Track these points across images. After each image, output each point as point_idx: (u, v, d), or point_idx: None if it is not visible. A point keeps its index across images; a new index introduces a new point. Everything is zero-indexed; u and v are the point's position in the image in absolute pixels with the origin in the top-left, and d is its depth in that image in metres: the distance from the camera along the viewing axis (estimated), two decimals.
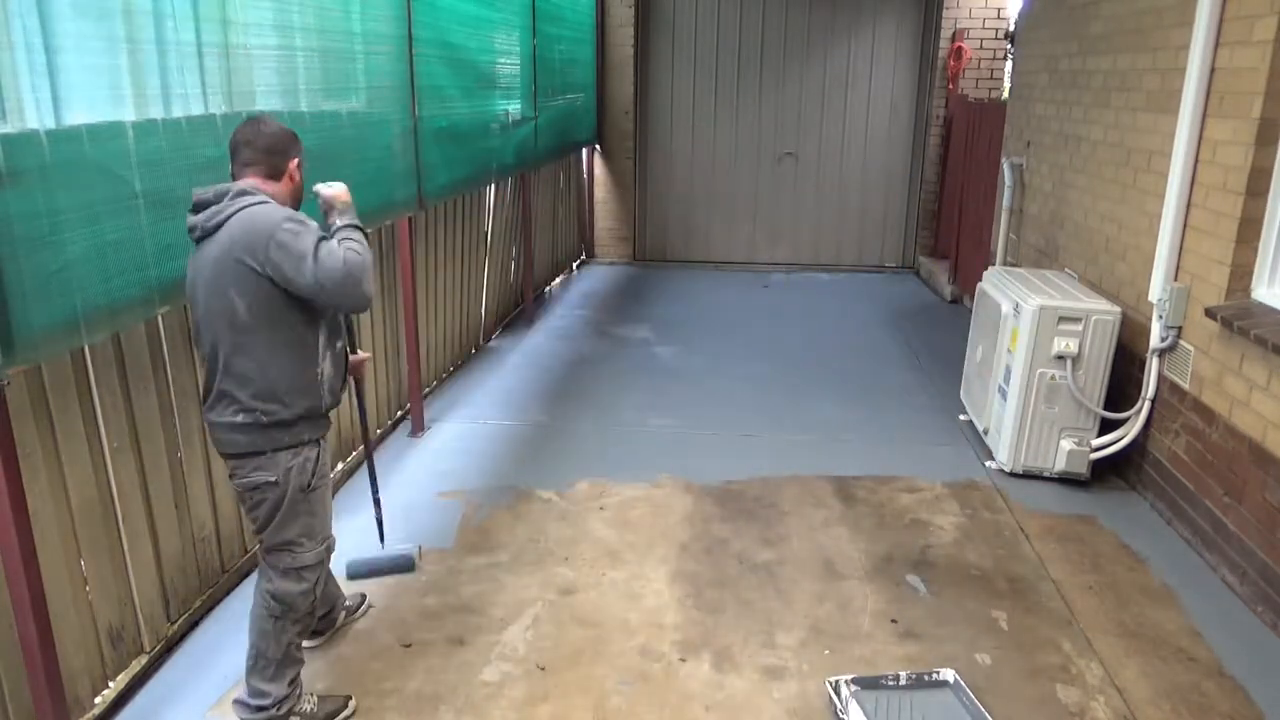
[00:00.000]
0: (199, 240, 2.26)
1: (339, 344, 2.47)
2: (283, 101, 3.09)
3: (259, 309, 2.22)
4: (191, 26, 2.58)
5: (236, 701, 2.54)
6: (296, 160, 2.40)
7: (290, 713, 2.52)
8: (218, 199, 2.23)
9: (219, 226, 2.21)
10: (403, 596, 3.23)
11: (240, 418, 2.29)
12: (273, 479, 2.35)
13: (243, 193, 2.25)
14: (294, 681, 2.53)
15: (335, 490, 4.01)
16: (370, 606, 3.16)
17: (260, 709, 2.47)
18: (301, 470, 2.38)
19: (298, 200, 2.43)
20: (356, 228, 2.40)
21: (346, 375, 2.54)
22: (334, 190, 2.45)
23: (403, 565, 3.38)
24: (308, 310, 2.30)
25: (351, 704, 2.65)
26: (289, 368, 2.31)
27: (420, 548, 3.51)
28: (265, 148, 2.32)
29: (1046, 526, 3.84)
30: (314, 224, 2.28)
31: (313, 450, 2.41)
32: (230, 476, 2.42)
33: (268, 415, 2.30)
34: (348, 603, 3.07)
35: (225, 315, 2.23)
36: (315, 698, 2.60)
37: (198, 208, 2.26)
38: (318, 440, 2.43)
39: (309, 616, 2.56)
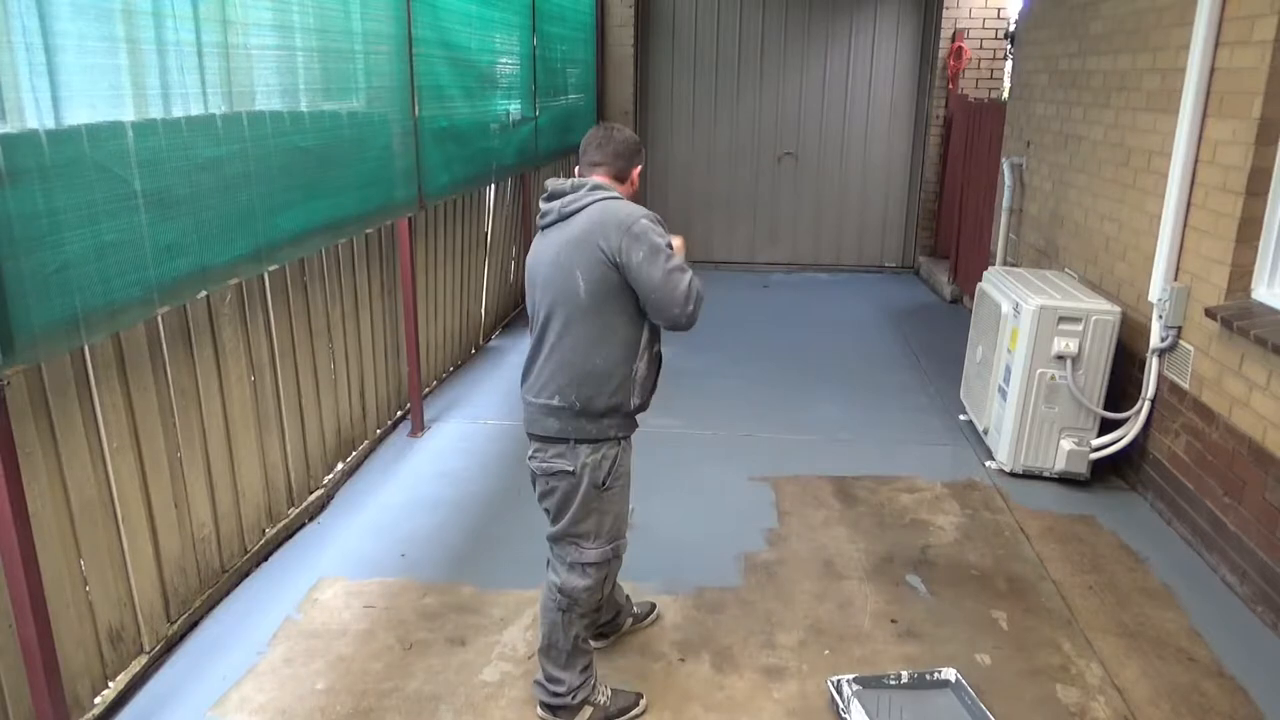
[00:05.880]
0: (551, 224, 2.38)
1: (656, 348, 2.49)
2: (283, 101, 3.09)
3: (597, 292, 2.29)
4: (191, 26, 2.58)
5: (535, 682, 2.62)
6: (639, 169, 2.53)
7: (585, 701, 2.58)
8: (575, 190, 2.37)
9: (575, 213, 2.34)
10: (402, 596, 3.23)
11: (555, 400, 2.37)
12: (570, 469, 2.40)
13: (599, 187, 2.39)
14: (586, 669, 2.58)
15: (335, 490, 4.01)
16: (659, 616, 3.11)
17: (556, 694, 2.56)
18: (597, 467, 2.41)
19: None
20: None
21: (657, 381, 2.53)
22: (676, 241, 2.46)
23: None
24: (637, 308, 2.35)
25: (643, 703, 2.66)
26: (609, 357, 2.35)
27: None
28: (615, 152, 2.46)
29: (1046, 526, 3.84)
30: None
31: (613, 449, 2.43)
32: (529, 458, 2.49)
33: (581, 401, 2.35)
34: (635, 609, 3.05)
35: (565, 295, 2.31)
36: (609, 690, 2.65)
37: (553, 196, 2.39)
38: (619, 440, 2.45)
39: (595, 613, 2.60)
